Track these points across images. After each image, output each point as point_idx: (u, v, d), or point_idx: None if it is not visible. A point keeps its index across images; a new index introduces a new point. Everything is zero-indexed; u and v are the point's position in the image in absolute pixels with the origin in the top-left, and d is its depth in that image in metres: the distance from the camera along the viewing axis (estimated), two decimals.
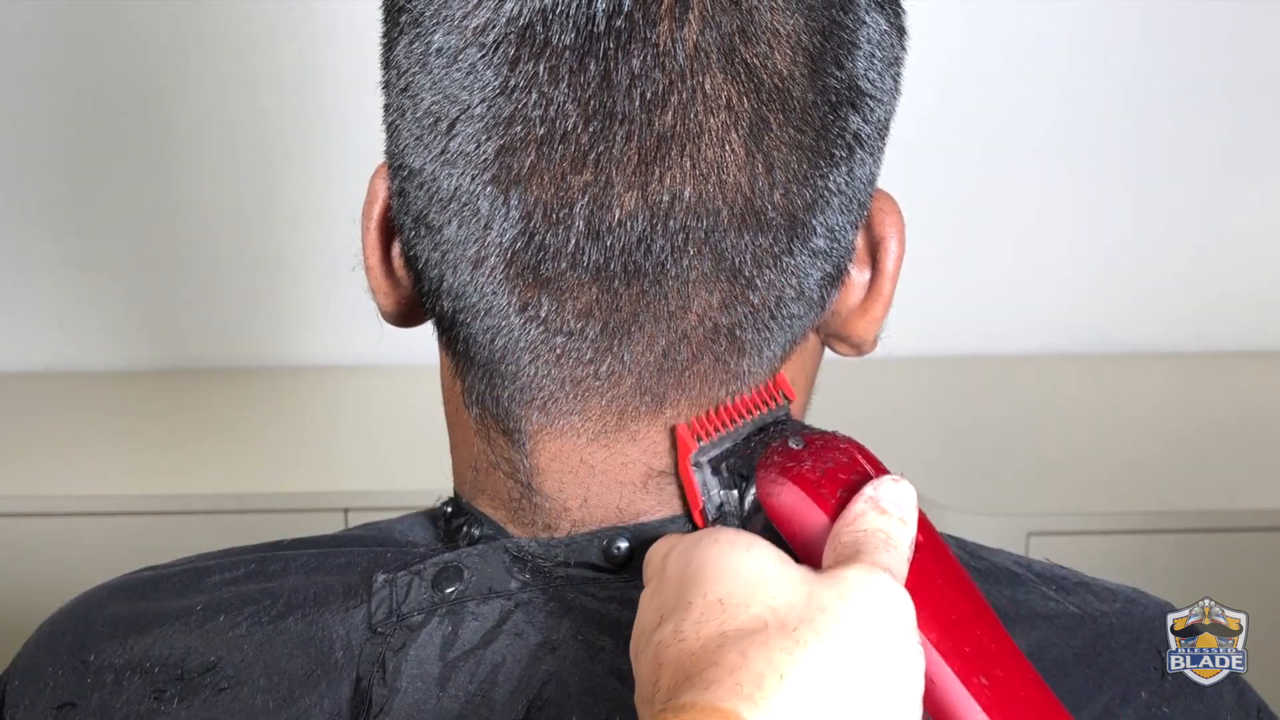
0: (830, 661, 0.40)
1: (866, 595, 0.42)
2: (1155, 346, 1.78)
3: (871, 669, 0.41)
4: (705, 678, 0.40)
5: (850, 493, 0.47)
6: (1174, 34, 1.69)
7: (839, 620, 0.41)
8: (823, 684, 0.40)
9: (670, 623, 0.43)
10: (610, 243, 0.47)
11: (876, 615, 0.42)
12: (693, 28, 0.46)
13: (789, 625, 0.41)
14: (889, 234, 0.53)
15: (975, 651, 0.45)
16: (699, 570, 0.44)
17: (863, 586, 0.42)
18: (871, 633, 0.41)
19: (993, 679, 0.44)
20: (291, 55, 1.67)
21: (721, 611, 0.42)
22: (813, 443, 0.49)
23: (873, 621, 0.41)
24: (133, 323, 1.79)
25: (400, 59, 0.50)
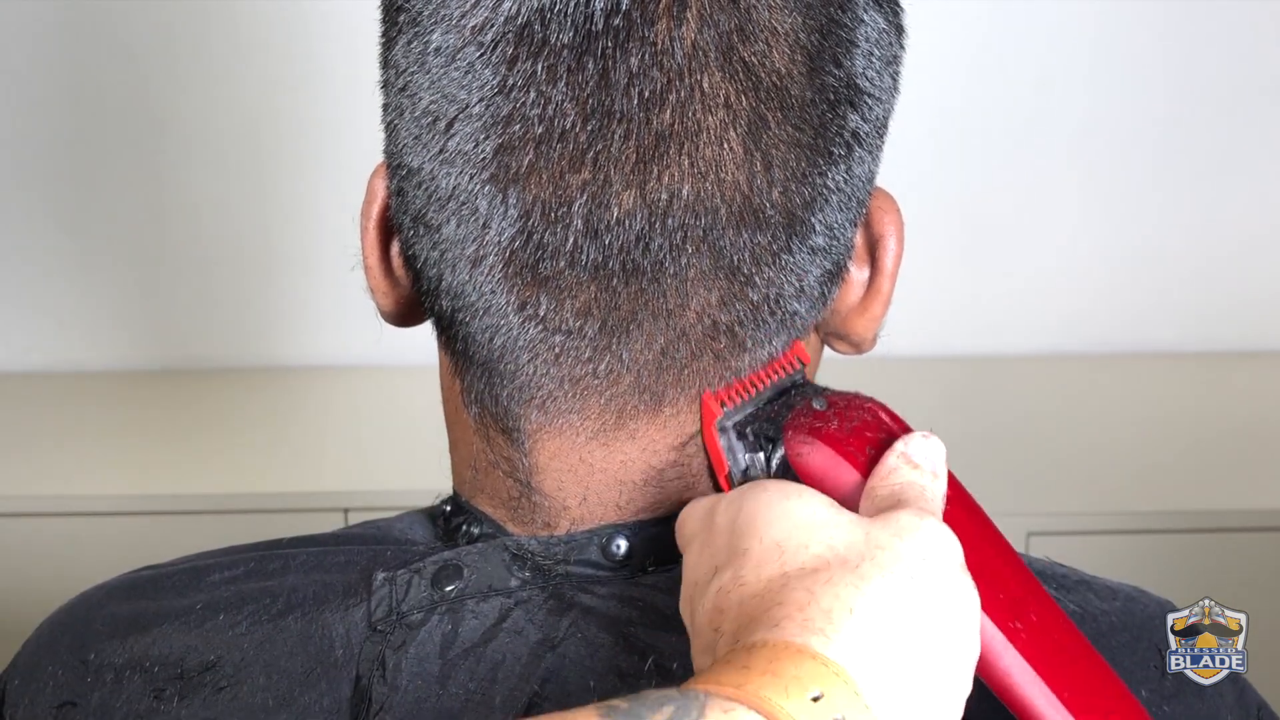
0: (896, 594, 0.41)
1: (922, 535, 0.43)
2: (1155, 346, 1.78)
3: (935, 602, 0.42)
4: (772, 616, 0.41)
5: (878, 450, 0.48)
6: (1176, 35, 1.69)
7: (900, 557, 0.42)
8: (891, 616, 0.41)
9: (728, 570, 0.44)
10: (609, 241, 0.47)
11: (933, 553, 0.43)
12: (690, 26, 0.46)
13: (851, 562, 0.42)
14: (888, 232, 0.53)
15: (1009, 599, 0.46)
16: (750, 518, 0.45)
17: (916, 528, 0.43)
18: (931, 568, 0.42)
19: (1027, 625, 0.46)
20: (291, 55, 1.67)
21: (781, 554, 0.43)
22: (835, 403, 0.50)
23: (931, 558, 0.43)
24: (132, 323, 1.79)
25: (398, 58, 0.50)
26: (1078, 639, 0.47)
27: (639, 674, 0.50)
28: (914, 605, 0.41)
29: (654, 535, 0.52)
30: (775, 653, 0.40)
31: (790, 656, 0.39)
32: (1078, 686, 0.46)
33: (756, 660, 0.39)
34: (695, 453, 0.52)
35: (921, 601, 0.41)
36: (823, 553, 0.43)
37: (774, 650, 0.40)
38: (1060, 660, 0.46)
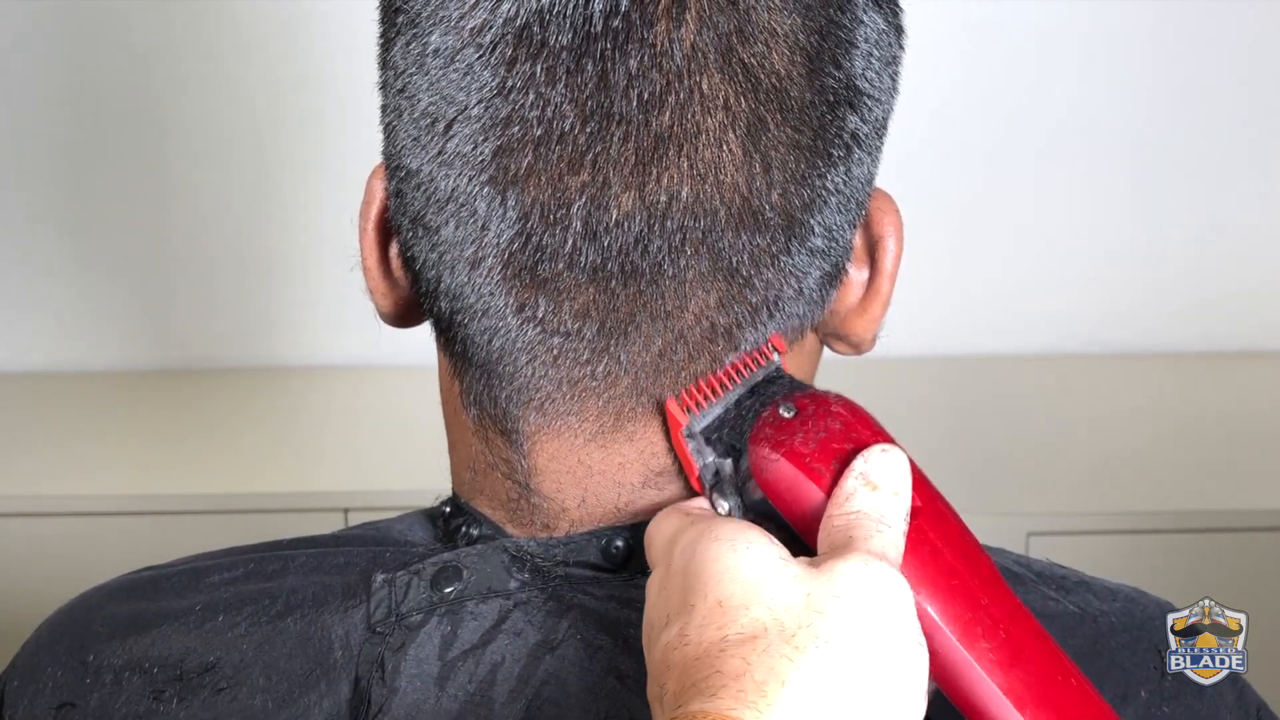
0: (830, 664, 0.41)
1: (862, 591, 0.42)
2: (1155, 346, 1.78)
3: (873, 667, 0.41)
4: (710, 685, 0.41)
5: (844, 463, 0.47)
6: (1175, 35, 1.69)
7: (837, 623, 0.41)
8: (825, 687, 0.40)
9: (675, 625, 0.44)
10: (607, 243, 0.47)
11: (874, 611, 0.42)
12: (690, 28, 0.46)
13: (787, 630, 0.41)
14: (887, 233, 0.53)
15: (976, 616, 0.45)
16: (699, 570, 0.44)
17: (858, 581, 0.42)
18: (870, 630, 0.41)
19: (995, 641, 0.45)
20: (291, 56, 1.67)
21: (722, 615, 0.43)
22: (804, 409, 0.49)
23: (871, 618, 0.42)
24: (132, 323, 1.79)
25: (397, 60, 0.50)
26: (1052, 650, 0.46)
27: (638, 675, 0.50)
28: (850, 674, 0.41)
29: None
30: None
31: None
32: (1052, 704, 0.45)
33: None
34: None
35: (858, 669, 0.41)
36: (761, 616, 0.42)
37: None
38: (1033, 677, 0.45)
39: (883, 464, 0.46)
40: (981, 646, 0.44)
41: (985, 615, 0.45)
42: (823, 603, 0.42)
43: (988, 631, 0.45)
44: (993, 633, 0.45)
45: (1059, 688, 0.45)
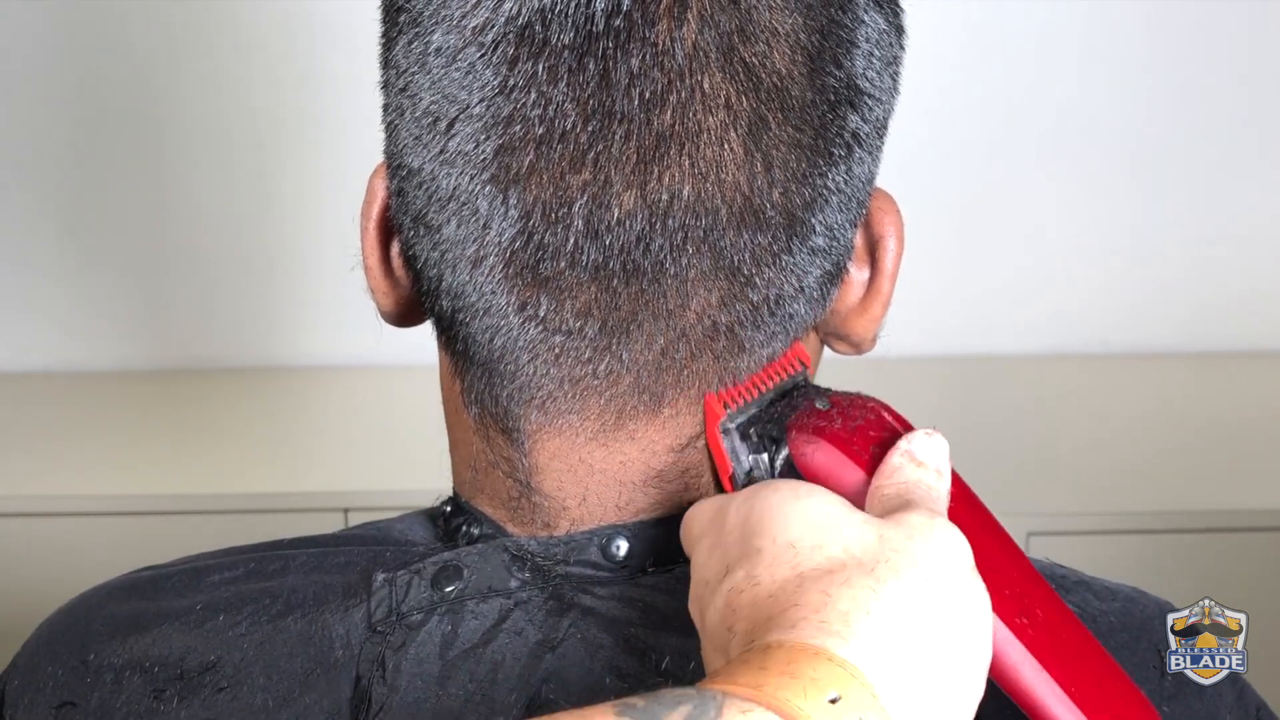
0: (911, 598, 0.41)
1: (934, 537, 0.43)
2: (1155, 346, 1.78)
3: (949, 605, 0.42)
4: (789, 617, 0.41)
5: (882, 449, 0.48)
6: (1175, 35, 1.69)
7: (914, 560, 0.42)
8: (906, 619, 0.41)
9: (740, 569, 0.44)
10: (609, 242, 0.47)
11: (946, 555, 0.43)
12: (691, 27, 0.46)
13: (866, 565, 0.42)
14: (888, 233, 0.53)
15: (1014, 593, 0.46)
16: (762, 517, 0.45)
17: (928, 530, 0.43)
18: (943, 571, 0.43)
19: (1034, 621, 0.46)
20: (291, 55, 1.67)
21: (794, 554, 0.43)
22: (839, 403, 0.50)
23: (943, 561, 0.43)
24: (133, 323, 1.79)
25: (399, 59, 0.50)
26: (1085, 636, 0.47)
27: (639, 675, 0.50)
28: (929, 609, 0.41)
29: (654, 536, 0.52)
30: (792, 654, 0.40)
31: (807, 658, 0.39)
32: (1086, 682, 0.46)
33: (773, 661, 0.39)
34: (694, 454, 0.52)
35: (936, 605, 0.42)
36: (838, 554, 0.43)
37: (790, 652, 0.40)
38: (1067, 656, 0.46)
39: (927, 445, 0.48)
40: (1020, 623, 0.46)
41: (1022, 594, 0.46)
42: (898, 541, 0.43)
43: (1025, 609, 0.46)
44: (1030, 610, 0.46)
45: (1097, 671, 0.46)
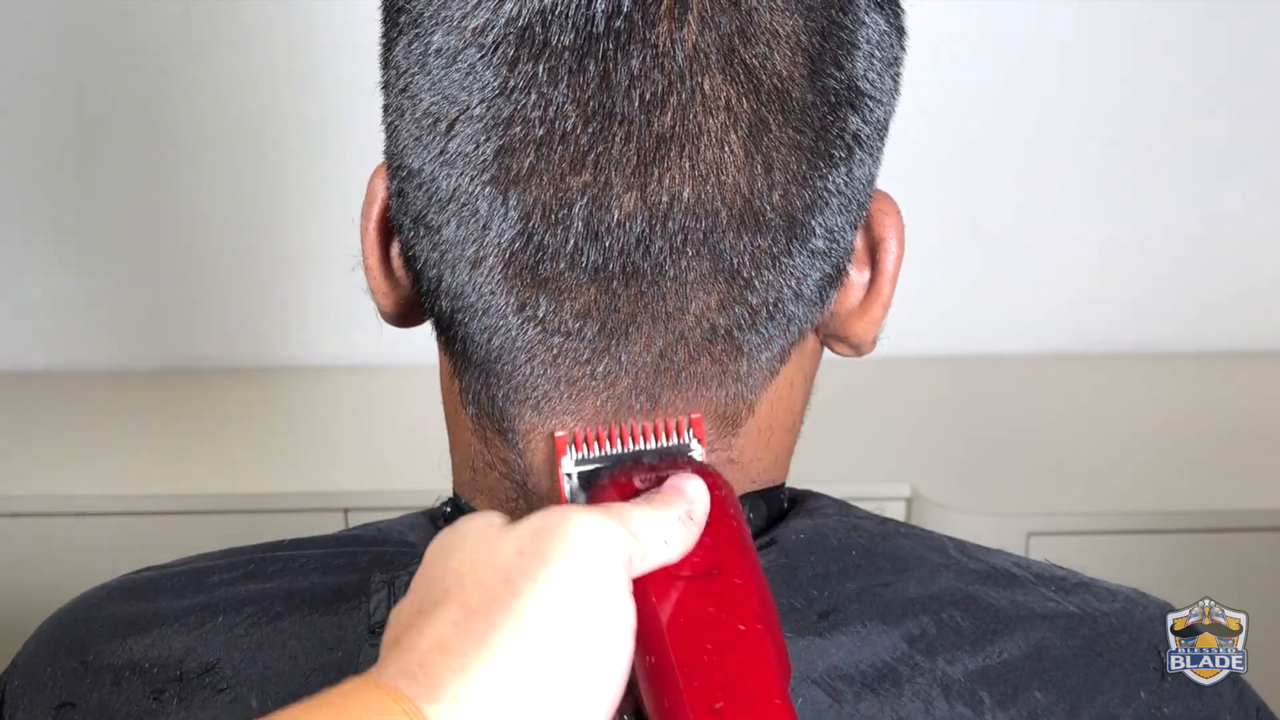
0: (520, 619, 0.39)
1: (565, 537, 0.41)
2: (1155, 346, 1.78)
3: (557, 632, 0.39)
4: (386, 649, 0.41)
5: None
6: (1174, 34, 1.69)
7: (537, 575, 0.40)
8: (508, 645, 0.39)
9: (394, 610, 0.44)
10: (609, 243, 0.47)
11: (576, 558, 0.41)
12: (692, 28, 0.46)
13: (485, 587, 0.40)
14: (888, 234, 0.53)
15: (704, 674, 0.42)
16: (439, 542, 0.44)
17: (560, 529, 0.41)
18: (571, 579, 0.40)
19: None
20: (291, 55, 1.67)
21: (428, 578, 0.43)
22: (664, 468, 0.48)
23: (573, 566, 0.40)
24: (133, 323, 1.79)
25: (399, 59, 0.50)
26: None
27: None
28: (538, 631, 0.39)
29: None
30: (351, 688, 0.38)
31: (362, 693, 0.38)
32: None
33: (334, 696, 0.38)
34: None
35: (551, 624, 0.39)
36: (452, 578, 0.41)
37: (351, 686, 0.39)
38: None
39: (682, 481, 0.46)
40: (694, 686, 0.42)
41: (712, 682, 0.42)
42: (529, 553, 0.41)
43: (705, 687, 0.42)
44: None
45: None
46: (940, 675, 0.51)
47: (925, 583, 0.53)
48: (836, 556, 0.53)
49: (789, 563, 0.52)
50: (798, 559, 0.52)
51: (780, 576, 0.52)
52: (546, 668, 0.39)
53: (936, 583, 0.53)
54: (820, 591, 0.52)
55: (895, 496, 1.41)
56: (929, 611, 0.52)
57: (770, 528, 0.54)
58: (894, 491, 1.41)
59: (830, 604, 0.51)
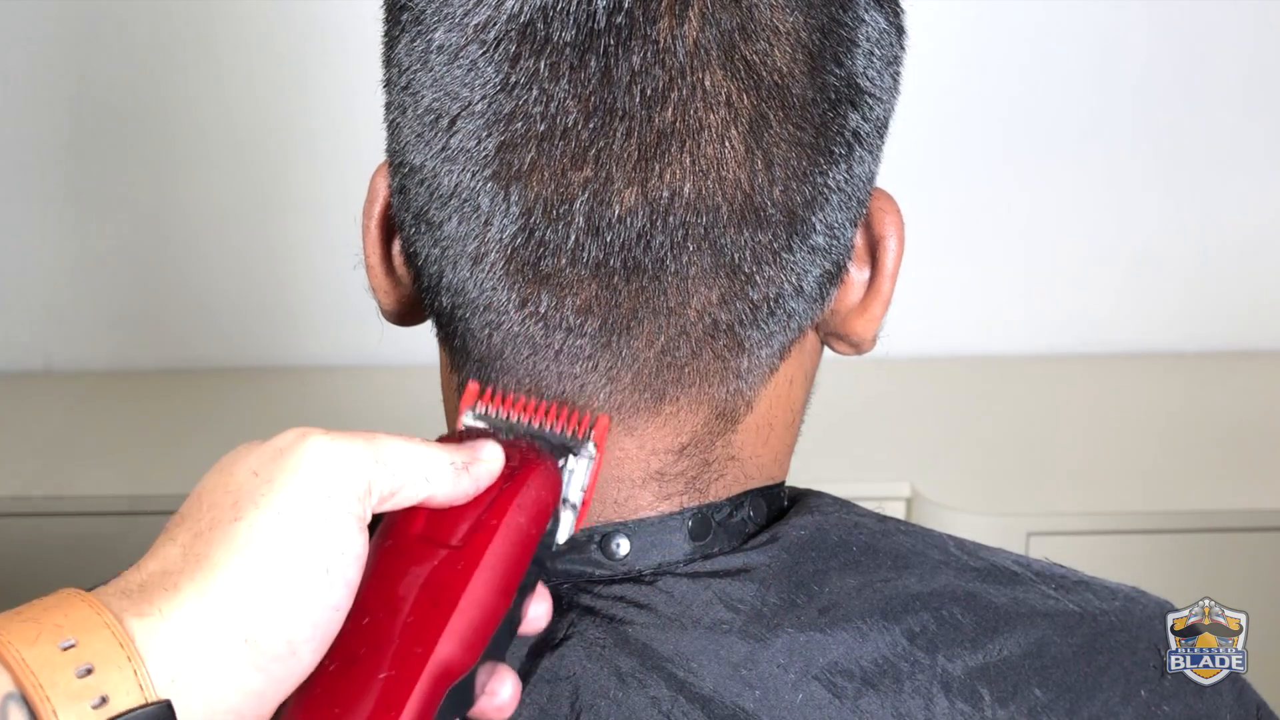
0: (226, 555, 0.39)
1: (296, 456, 0.42)
2: (1155, 346, 1.78)
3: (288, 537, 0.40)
4: (116, 579, 0.40)
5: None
6: (1174, 35, 1.69)
7: (267, 491, 0.41)
8: (224, 584, 0.39)
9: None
10: (610, 239, 0.47)
11: (304, 478, 0.41)
12: (693, 25, 0.46)
13: (219, 504, 0.41)
14: (888, 232, 0.53)
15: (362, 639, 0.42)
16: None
17: (293, 449, 0.42)
18: (298, 497, 0.41)
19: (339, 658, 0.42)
20: (292, 54, 1.67)
21: (189, 500, 0.43)
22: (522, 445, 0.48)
23: (300, 485, 0.41)
24: (133, 323, 1.79)
25: (401, 56, 0.50)
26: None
27: (638, 674, 0.50)
28: (244, 566, 0.39)
29: (654, 534, 0.52)
30: (62, 600, 0.38)
31: (68, 604, 0.38)
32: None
33: (36, 605, 0.38)
34: (695, 452, 0.52)
35: (255, 563, 0.39)
36: (195, 495, 0.42)
37: (63, 597, 0.38)
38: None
39: (480, 442, 0.46)
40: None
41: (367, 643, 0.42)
42: (265, 473, 0.42)
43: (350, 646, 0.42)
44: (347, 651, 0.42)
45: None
46: (940, 672, 0.51)
47: (926, 579, 0.53)
48: (837, 552, 0.53)
49: (790, 559, 0.52)
50: (799, 555, 0.52)
51: (781, 572, 0.52)
52: (259, 593, 0.39)
53: (937, 580, 0.53)
54: (821, 587, 0.52)
55: (895, 496, 1.41)
56: (929, 608, 0.52)
57: (770, 525, 0.54)
58: (894, 491, 1.41)
59: (831, 600, 0.51)
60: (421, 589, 0.43)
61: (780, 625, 0.50)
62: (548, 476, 0.48)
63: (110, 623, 0.37)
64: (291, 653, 0.40)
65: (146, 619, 0.38)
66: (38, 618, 0.37)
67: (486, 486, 0.46)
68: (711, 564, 0.52)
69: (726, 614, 0.50)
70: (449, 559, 0.44)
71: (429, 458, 0.44)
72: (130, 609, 0.38)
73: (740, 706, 0.49)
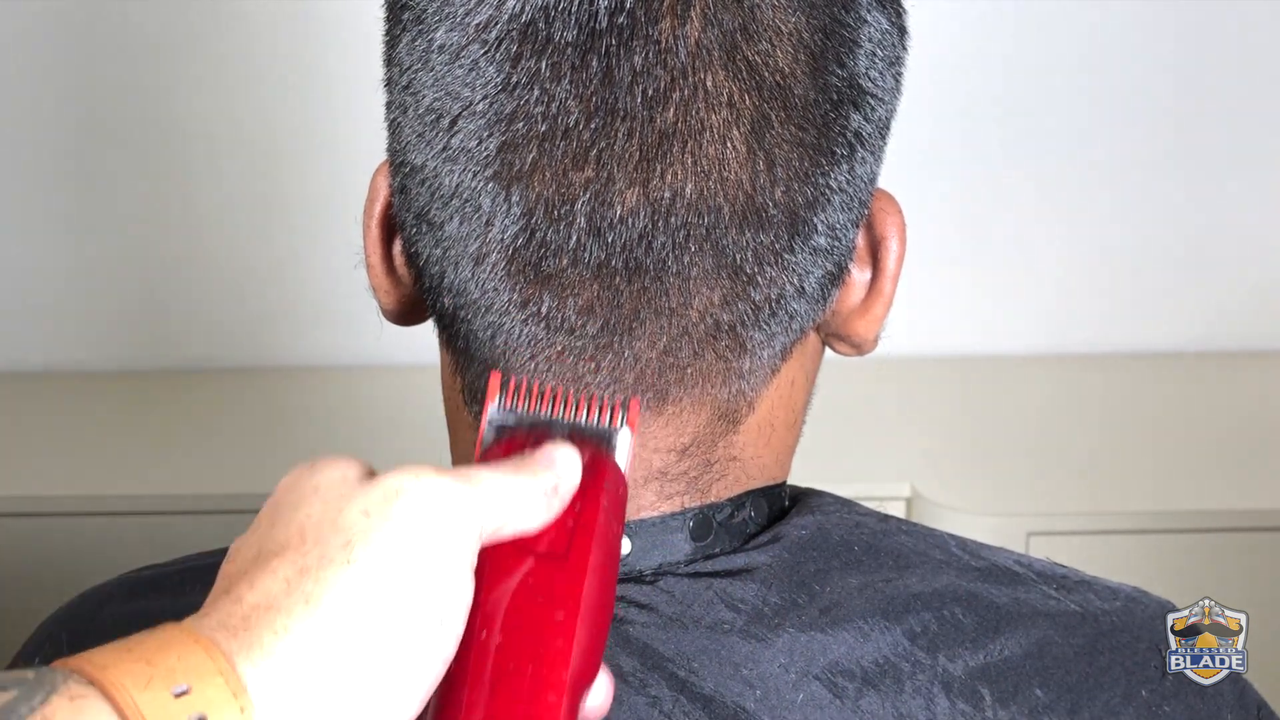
0: (352, 584, 0.37)
1: (409, 504, 0.39)
2: (1155, 346, 1.78)
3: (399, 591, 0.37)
4: (212, 600, 0.38)
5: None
6: (1174, 34, 1.69)
7: (377, 538, 0.38)
8: (336, 611, 0.37)
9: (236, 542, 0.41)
10: (611, 239, 0.47)
11: (416, 527, 0.39)
12: (694, 25, 0.46)
13: (325, 541, 0.38)
14: (890, 233, 0.53)
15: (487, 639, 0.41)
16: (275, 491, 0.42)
17: (408, 493, 0.39)
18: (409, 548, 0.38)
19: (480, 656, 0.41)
20: (293, 53, 1.67)
21: (267, 526, 0.40)
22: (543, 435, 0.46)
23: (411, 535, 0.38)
24: (133, 323, 1.79)
25: (402, 56, 0.50)
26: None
27: (640, 674, 0.50)
28: (369, 596, 0.37)
29: (656, 535, 0.52)
30: (170, 639, 0.35)
31: (180, 645, 0.35)
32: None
33: (149, 642, 0.35)
34: (697, 453, 0.52)
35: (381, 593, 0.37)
36: (293, 530, 0.39)
37: (170, 635, 0.36)
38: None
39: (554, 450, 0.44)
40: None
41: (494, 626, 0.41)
42: (374, 513, 0.39)
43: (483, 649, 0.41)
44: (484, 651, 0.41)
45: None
46: (941, 672, 0.51)
47: (927, 579, 0.53)
48: (838, 552, 0.53)
49: (791, 559, 0.52)
50: (800, 555, 0.52)
51: (783, 572, 0.52)
52: (371, 638, 0.37)
53: (938, 579, 0.53)
54: (822, 587, 0.52)
55: (895, 496, 1.41)
56: (930, 608, 0.52)
57: (772, 525, 0.54)
58: (894, 491, 1.41)
59: (832, 599, 0.51)
60: (541, 604, 0.42)
61: (781, 625, 0.50)
62: (615, 471, 0.46)
63: (224, 669, 0.35)
64: (398, 705, 0.38)
65: (255, 664, 0.36)
66: (150, 659, 0.35)
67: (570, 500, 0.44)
68: (713, 564, 0.52)
69: (728, 614, 0.50)
70: (559, 569, 0.42)
71: (523, 491, 0.42)
72: (239, 651, 0.36)
73: (741, 706, 0.49)
